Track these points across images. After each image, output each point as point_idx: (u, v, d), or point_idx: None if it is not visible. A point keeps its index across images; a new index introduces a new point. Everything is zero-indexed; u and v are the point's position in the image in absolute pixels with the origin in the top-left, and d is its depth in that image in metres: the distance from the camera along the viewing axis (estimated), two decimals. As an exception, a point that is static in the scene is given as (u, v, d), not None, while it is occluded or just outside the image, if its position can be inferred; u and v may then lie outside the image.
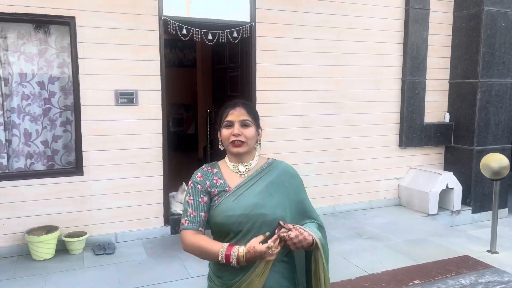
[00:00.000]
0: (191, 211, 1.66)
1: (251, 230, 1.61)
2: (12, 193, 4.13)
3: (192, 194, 1.69)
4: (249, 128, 1.70)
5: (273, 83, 5.08)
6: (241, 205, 1.63)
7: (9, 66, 4.24)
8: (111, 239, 4.45)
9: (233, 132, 1.68)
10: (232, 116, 1.70)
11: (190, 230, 1.64)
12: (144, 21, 4.42)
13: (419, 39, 5.73)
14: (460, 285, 3.53)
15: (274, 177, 1.72)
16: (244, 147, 1.69)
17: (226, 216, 1.62)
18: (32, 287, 3.49)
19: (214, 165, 1.78)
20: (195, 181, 1.71)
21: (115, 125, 4.40)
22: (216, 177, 1.72)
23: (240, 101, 1.77)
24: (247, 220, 1.61)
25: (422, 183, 5.72)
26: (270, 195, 1.67)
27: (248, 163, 1.74)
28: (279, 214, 1.64)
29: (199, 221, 1.65)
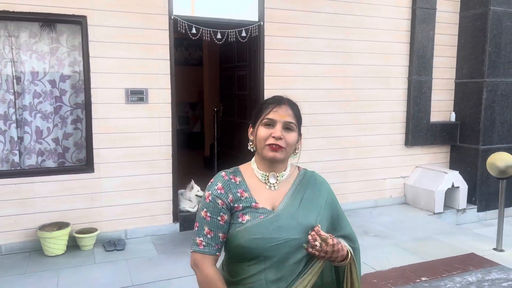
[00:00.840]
0: (208, 231, 1.42)
1: (280, 255, 1.40)
2: (24, 189, 4.19)
3: (210, 210, 1.42)
4: (292, 133, 1.46)
5: (281, 82, 5.13)
6: (276, 228, 1.40)
7: (21, 64, 4.30)
8: (121, 235, 4.51)
9: (274, 133, 1.42)
10: (276, 114, 1.44)
11: (207, 255, 1.41)
12: (154, 20, 4.47)
13: (426, 38, 5.76)
14: (467, 282, 3.57)
15: (307, 193, 1.51)
16: (282, 153, 1.44)
17: (252, 239, 1.38)
18: (46, 282, 3.55)
19: (236, 173, 1.50)
20: (215, 194, 1.43)
21: (126, 123, 4.46)
22: (241, 189, 1.45)
23: (286, 98, 1.51)
24: (280, 243, 1.39)
25: (428, 182, 5.75)
26: (304, 216, 1.45)
27: (280, 173, 1.49)
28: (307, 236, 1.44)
29: (217, 243, 1.42)
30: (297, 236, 1.41)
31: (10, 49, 4.23)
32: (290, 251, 1.41)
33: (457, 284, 3.54)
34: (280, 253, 1.40)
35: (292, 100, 1.52)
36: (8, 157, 4.32)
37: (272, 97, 1.52)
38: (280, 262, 1.41)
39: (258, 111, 1.50)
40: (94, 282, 3.56)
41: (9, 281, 3.55)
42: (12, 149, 4.32)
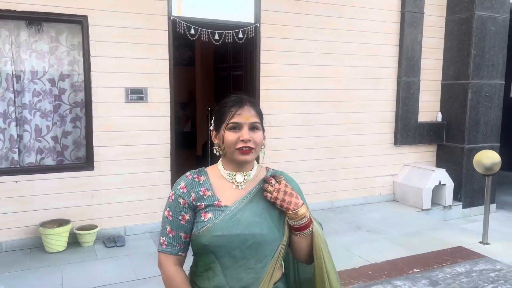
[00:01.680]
0: (170, 230, 1.43)
1: (245, 257, 1.38)
2: (24, 187, 4.23)
3: (171, 209, 1.44)
4: (258, 131, 1.45)
5: (275, 82, 5.27)
6: (236, 224, 1.38)
7: (21, 63, 4.34)
8: (120, 232, 4.58)
9: (242, 137, 1.41)
10: (240, 117, 1.42)
11: (169, 255, 1.43)
12: (154, 21, 4.56)
13: (414, 41, 5.99)
14: (456, 273, 3.77)
15: None
16: (252, 154, 1.44)
17: (214, 237, 1.36)
18: (50, 277, 3.61)
19: (202, 172, 1.50)
20: (178, 193, 1.44)
21: (126, 121, 4.53)
22: (203, 188, 1.45)
23: (246, 97, 1.50)
24: (241, 242, 1.37)
25: (416, 180, 5.97)
26: (270, 214, 1.43)
27: (247, 172, 1.48)
28: (277, 235, 1.42)
29: (178, 243, 1.43)
30: (264, 232, 1.39)
31: (10, 48, 4.26)
32: (256, 248, 1.38)
33: (447, 274, 3.74)
34: (247, 257, 1.37)
35: (251, 99, 1.52)
36: (7, 155, 4.34)
37: (231, 99, 1.48)
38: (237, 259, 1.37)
39: (221, 115, 1.46)
40: (98, 277, 3.64)
41: (13, 277, 3.60)
42: (11, 147, 4.34)
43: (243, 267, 1.37)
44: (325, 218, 5.31)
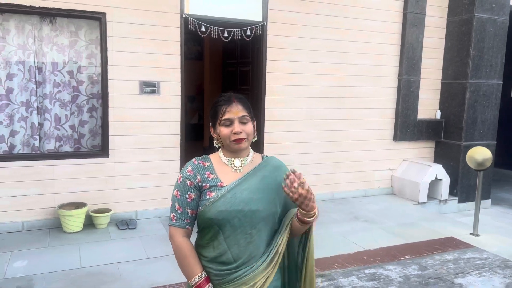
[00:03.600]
0: (179, 207, 1.65)
1: (242, 225, 1.61)
2: (45, 171, 4.54)
3: (180, 189, 1.66)
4: (248, 123, 1.68)
5: (281, 78, 5.53)
6: (237, 201, 1.61)
7: (43, 56, 4.63)
8: (132, 216, 4.89)
9: (234, 130, 1.64)
10: (230, 113, 1.65)
11: (178, 228, 1.64)
12: (167, 18, 4.83)
13: (415, 41, 6.22)
14: (445, 260, 4.04)
15: (267, 172, 1.71)
16: (245, 142, 1.67)
17: (218, 212, 1.59)
18: (69, 254, 3.93)
19: (206, 159, 1.73)
20: (185, 176, 1.66)
21: (139, 112, 4.83)
22: (208, 172, 1.67)
23: (233, 94, 1.71)
24: (240, 217, 1.60)
25: (414, 174, 6.23)
26: (264, 191, 1.66)
27: (244, 158, 1.71)
28: (272, 209, 1.66)
29: (186, 218, 1.64)
30: (261, 207, 1.62)
31: (33, 41, 4.56)
32: (251, 216, 1.61)
33: (436, 261, 4.01)
34: (244, 226, 1.60)
35: (239, 95, 1.72)
36: (29, 141, 4.66)
37: (221, 98, 1.70)
38: (236, 229, 1.60)
39: (214, 113, 1.69)
40: (113, 255, 3.95)
41: (35, 253, 3.92)
42: (33, 134, 4.65)
43: (241, 233, 1.61)
44: (325, 208, 5.59)
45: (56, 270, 3.59)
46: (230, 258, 1.62)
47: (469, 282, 3.59)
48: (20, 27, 4.48)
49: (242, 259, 1.62)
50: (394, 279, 3.61)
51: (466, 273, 3.76)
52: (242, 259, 1.62)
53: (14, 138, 4.57)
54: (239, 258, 1.62)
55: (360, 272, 3.73)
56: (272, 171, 1.72)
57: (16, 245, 4.08)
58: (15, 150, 4.57)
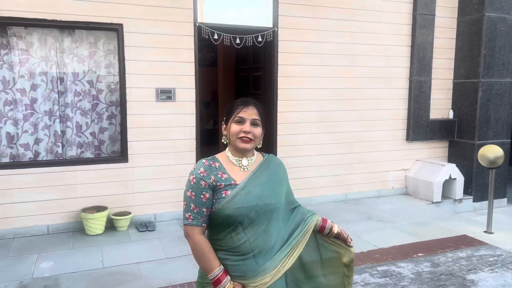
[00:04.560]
0: (194, 207, 1.72)
1: (259, 217, 1.75)
2: (67, 177, 4.76)
3: (194, 190, 1.72)
4: (258, 127, 1.80)
5: (292, 82, 5.66)
6: (252, 197, 1.74)
7: (64, 66, 4.86)
8: (151, 218, 5.07)
9: (244, 128, 1.76)
10: (245, 113, 1.78)
11: (195, 227, 1.72)
12: (181, 28, 5.02)
13: (425, 42, 6.27)
14: (457, 257, 4.09)
15: (271, 169, 1.87)
16: (251, 144, 1.78)
17: (235, 208, 1.70)
18: (92, 255, 4.11)
19: (214, 159, 1.82)
20: (199, 177, 1.73)
21: (156, 118, 5.01)
22: (220, 172, 1.77)
23: (251, 100, 1.84)
24: (257, 210, 1.74)
25: (427, 174, 6.27)
26: (272, 186, 1.82)
27: (250, 158, 1.84)
28: (281, 202, 1.84)
29: (202, 216, 1.72)
30: (273, 201, 1.79)
31: (55, 53, 4.80)
32: (265, 209, 1.76)
33: (449, 258, 4.07)
34: (260, 217, 1.75)
35: (256, 102, 1.86)
36: (52, 148, 4.88)
37: (240, 100, 1.85)
38: (253, 223, 1.75)
39: (229, 111, 1.82)
40: (133, 255, 4.12)
41: (61, 254, 4.12)
42: (56, 142, 4.88)
43: (258, 224, 1.76)
44: (338, 209, 5.68)
45: (80, 270, 3.78)
46: (248, 247, 1.74)
47: (481, 278, 3.64)
48: (42, 40, 4.72)
49: (258, 248, 1.75)
50: (406, 275, 3.68)
51: (479, 270, 3.80)
52: (258, 248, 1.75)
53: (38, 145, 4.80)
54: (256, 247, 1.75)
55: (373, 269, 3.81)
56: (275, 168, 1.90)
57: (42, 247, 4.29)
58: (40, 157, 4.80)
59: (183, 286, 3.47)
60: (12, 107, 4.68)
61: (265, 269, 1.75)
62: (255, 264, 1.75)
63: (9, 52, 4.62)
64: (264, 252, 1.77)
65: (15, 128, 4.71)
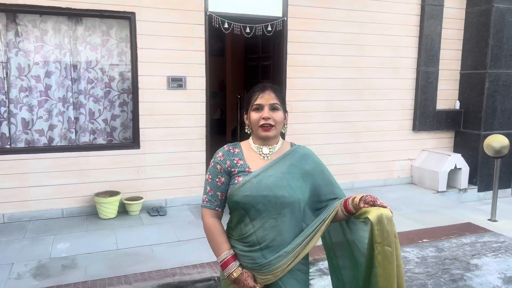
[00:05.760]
0: (209, 189, 1.75)
1: (267, 210, 1.67)
2: (81, 162, 4.88)
3: (211, 173, 1.76)
4: (278, 112, 1.73)
5: (301, 71, 5.73)
6: (262, 187, 1.66)
7: (77, 54, 4.96)
8: (162, 204, 5.19)
9: (263, 115, 1.70)
10: (262, 99, 1.72)
11: (208, 209, 1.75)
12: (192, 16, 5.09)
13: (434, 32, 6.31)
14: (462, 243, 4.19)
15: (294, 160, 1.75)
16: (272, 130, 1.71)
17: (244, 196, 1.66)
18: (106, 237, 4.24)
19: (236, 145, 1.81)
20: (216, 161, 1.76)
21: (167, 106, 5.11)
22: (237, 158, 1.75)
23: (268, 84, 1.77)
24: (265, 202, 1.66)
25: (433, 164, 6.34)
26: (291, 178, 1.70)
27: (272, 146, 1.76)
28: (298, 196, 1.69)
29: (216, 200, 1.75)
30: (286, 194, 1.67)
31: (69, 41, 4.89)
32: (275, 202, 1.66)
33: (453, 244, 4.16)
34: (269, 211, 1.66)
35: (274, 85, 1.79)
36: (66, 134, 5.00)
37: (257, 86, 1.78)
38: (262, 214, 1.67)
39: (248, 100, 1.78)
40: (146, 238, 4.25)
41: (76, 237, 4.25)
42: (69, 128, 4.99)
43: (266, 217, 1.68)
44: (345, 197, 5.76)
45: (96, 251, 3.91)
46: (254, 240, 1.69)
47: (484, 263, 3.73)
48: (56, 28, 4.81)
49: (266, 242, 1.68)
50: (411, 259, 3.79)
51: (482, 255, 3.90)
52: (265, 242, 1.68)
53: (52, 131, 4.92)
54: (263, 241, 1.68)
55: (379, 253, 3.91)
56: (299, 160, 1.76)
57: (58, 229, 4.42)
58: (54, 143, 4.92)
59: (196, 266, 3.59)
60: (27, 93, 4.79)
61: (270, 264, 1.67)
62: (262, 257, 1.69)
63: (24, 40, 4.71)
64: (273, 248, 1.69)
65: (30, 114, 4.82)
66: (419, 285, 3.33)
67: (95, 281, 3.31)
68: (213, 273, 3.43)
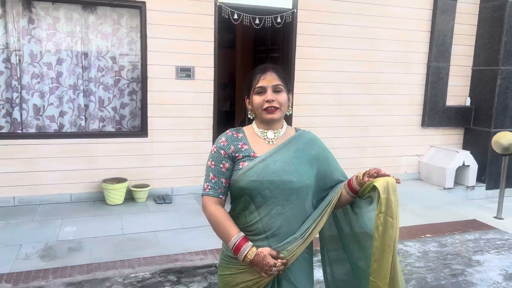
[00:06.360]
0: (213, 176, 1.66)
1: (274, 197, 1.60)
2: (90, 149, 4.96)
3: (214, 159, 1.67)
4: (282, 93, 1.66)
5: (310, 64, 5.73)
6: (269, 172, 1.60)
7: (88, 42, 5.03)
8: (168, 192, 5.27)
9: (266, 98, 1.62)
10: (264, 81, 1.63)
11: (212, 197, 1.65)
12: (202, 7, 5.11)
13: (446, 28, 6.24)
14: (465, 239, 4.18)
15: (301, 145, 1.69)
16: (277, 113, 1.65)
17: (250, 181, 1.59)
18: (112, 223, 4.33)
19: (239, 130, 1.74)
20: (219, 146, 1.68)
21: (175, 96, 5.16)
22: (241, 143, 1.67)
23: (270, 65, 1.70)
24: (271, 188, 1.59)
25: (441, 160, 6.30)
26: (298, 163, 1.64)
27: (277, 130, 1.70)
28: (306, 182, 1.64)
29: (220, 187, 1.65)
30: (294, 179, 1.61)
31: (80, 29, 4.96)
32: (282, 188, 1.60)
33: (456, 240, 4.16)
34: (276, 197, 1.60)
35: (275, 65, 1.71)
36: (76, 121, 5.08)
37: (257, 68, 1.70)
38: (268, 200, 1.60)
39: (249, 83, 1.69)
40: (151, 225, 4.32)
41: (83, 221, 4.35)
42: (79, 115, 5.08)
43: (273, 204, 1.61)
44: (351, 190, 5.77)
45: (101, 235, 4.00)
46: (260, 228, 1.62)
47: (486, 259, 3.73)
48: (68, 16, 4.88)
49: (272, 230, 1.61)
50: (412, 254, 3.80)
51: (485, 251, 3.89)
52: (271, 230, 1.61)
53: (63, 118, 5.01)
54: (269, 229, 1.61)
55: (381, 247, 3.92)
56: (306, 144, 1.71)
57: (66, 213, 4.52)
58: (64, 129, 5.01)
59: (198, 253, 3.65)
60: (39, 80, 4.87)
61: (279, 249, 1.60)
62: (268, 245, 1.61)
63: (37, 27, 4.79)
64: (280, 237, 1.62)
65: (41, 101, 4.91)
66: (419, 279, 3.34)
67: (99, 264, 3.39)
68: (215, 260, 3.49)
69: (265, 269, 1.56)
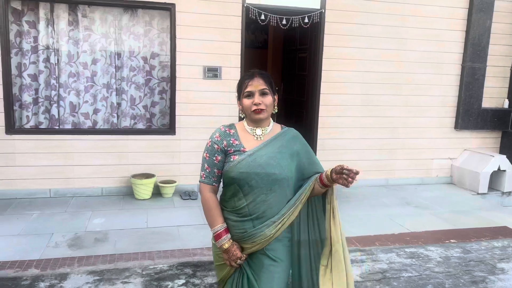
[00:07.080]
0: (207, 166, 1.93)
1: (259, 186, 1.86)
2: (121, 145, 5.19)
3: (209, 152, 1.94)
4: (268, 96, 1.91)
5: (337, 64, 5.69)
6: (256, 165, 1.86)
7: (121, 43, 5.25)
8: (194, 188, 5.41)
9: (254, 101, 1.88)
10: (251, 86, 1.89)
11: (207, 184, 1.94)
12: (230, 8, 5.21)
13: (482, 27, 6.01)
14: (492, 246, 4.03)
15: (285, 141, 1.95)
16: (264, 113, 1.90)
17: (239, 173, 1.85)
18: (139, 216, 4.51)
19: (231, 126, 1.99)
20: (214, 140, 1.94)
21: (202, 95, 5.29)
22: (233, 138, 1.93)
23: (256, 70, 1.95)
24: (257, 179, 1.86)
25: (474, 164, 6.08)
26: (281, 158, 1.91)
27: (264, 128, 1.95)
28: (287, 174, 1.90)
29: (213, 176, 1.93)
30: (277, 171, 1.87)
31: (114, 30, 5.19)
32: (267, 179, 1.87)
33: (482, 247, 4.02)
34: (261, 187, 1.86)
35: (261, 71, 1.96)
36: (108, 118, 5.33)
37: (246, 73, 1.98)
38: (254, 189, 1.87)
39: (239, 87, 1.96)
40: (175, 219, 4.47)
41: (111, 213, 4.56)
42: (112, 112, 5.32)
43: (258, 193, 1.89)
44: (378, 193, 5.70)
45: (127, 228, 4.18)
46: (246, 211, 1.90)
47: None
48: (103, 18, 5.12)
49: (256, 214, 1.89)
50: (433, 258, 3.71)
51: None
52: (256, 214, 1.89)
53: (96, 115, 5.27)
54: (254, 213, 1.89)
55: (400, 250, 3.87)
56: (289, 141, 1.98)
57: (96, 206, 4.76)
58: (97, 126, 5.27)
59: (216, 249, 3.74)
60: (75, 79, 5.15)
61: (258, 231, 1.87)
62: (252, 226, 1.90)
63: (74, 29, 5.07)
64: (263, 219, 1.89)
65: (77, 98, 5.19)
66: (436, 284, 3.27)
67: (121, 255, 3.55)
68: (231, 256, 3.57)
69: (232, 259, 1.90)
